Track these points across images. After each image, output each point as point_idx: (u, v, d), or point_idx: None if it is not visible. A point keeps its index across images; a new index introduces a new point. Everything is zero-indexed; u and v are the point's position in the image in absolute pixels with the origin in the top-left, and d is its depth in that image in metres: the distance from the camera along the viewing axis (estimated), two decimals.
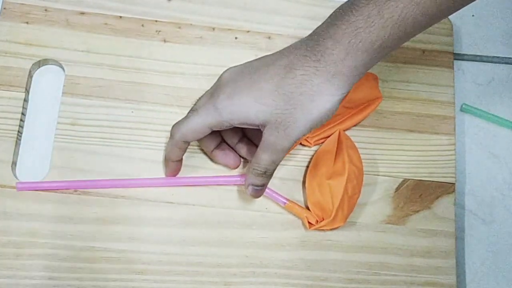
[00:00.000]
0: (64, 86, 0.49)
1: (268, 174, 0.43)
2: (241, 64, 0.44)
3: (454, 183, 0.49)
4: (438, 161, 0.50)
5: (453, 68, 0.52)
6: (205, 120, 0.42)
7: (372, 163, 0.49)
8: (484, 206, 0.51)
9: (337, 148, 0.47)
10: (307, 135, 0.42)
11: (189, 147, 0.45)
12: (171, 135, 0.44)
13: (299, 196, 0.48)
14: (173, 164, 0.46)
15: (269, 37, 0.51)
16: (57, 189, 0.46)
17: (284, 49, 0.42)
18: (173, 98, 0.49)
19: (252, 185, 0.44)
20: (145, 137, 0.48)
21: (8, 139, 0.47)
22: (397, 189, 0.49)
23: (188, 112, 0.44)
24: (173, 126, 0.44)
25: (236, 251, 0.46)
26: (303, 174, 0.48)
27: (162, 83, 0.49)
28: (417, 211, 0.48)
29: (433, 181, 0.49)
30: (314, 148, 0.49)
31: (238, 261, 0.46)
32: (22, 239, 0.45)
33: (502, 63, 0.54)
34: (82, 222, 0.46)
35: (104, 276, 0.45)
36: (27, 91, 0.49)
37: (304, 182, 0.48)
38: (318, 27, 0.41)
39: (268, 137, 0.41)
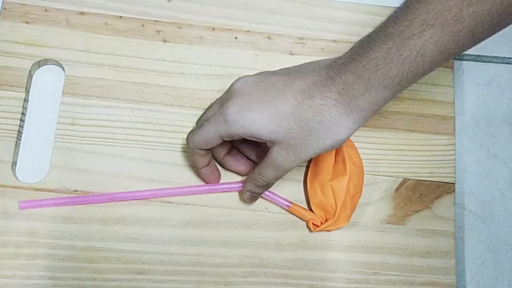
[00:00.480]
0: (64, 86, 0.49)
1: (268, 186, 0.44)
2: (255, 75, 0.43)
3: (454, 183, 0.49)
4: (438, 161, 0.50)
5: (453, 68, 0.52)
6: (216, 131, 0.42)
7: (372, 163, 0.49)
8: (484, 206, 0.51)
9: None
10: None
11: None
12: (187, 144, 0.44)
13: (299, 197, 0.48)
14: (204, 170, 0.46)
15: (269, 37, 0.51)
16: (59, 206, 0.46)
17: (302, 68, 0.42)
18: (173, 98, 0.49)
19: (250, 191, 0.45)
20: (145, 137, 0.48)
21: (8, 139, 0.47)
22: (397, 189, 0.49)
23: (199, 120, 0.45)
24: (187, 135, 0.44)
25: (236, 251, 0.46)
26: (303, 174, 0.48)
27: (162, 83, 0.49)
28: (417, 211, 0.48)
29: (433, 181, 0.49)
30: None
31: (238, 261, 0.46)
32: (22, 239, 0.45)
33: (502, 63, 0.54)
34: (82, 222, 0.46)
35: (104, 276, 0.45)
36: (27, 91, 0.49)
37: (304, 182, 0.48)
38: (339, 57, 0.40)
39: (275, 155, 0.41)
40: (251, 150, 0.47)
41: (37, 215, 0.45)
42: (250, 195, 0.45)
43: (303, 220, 0.47)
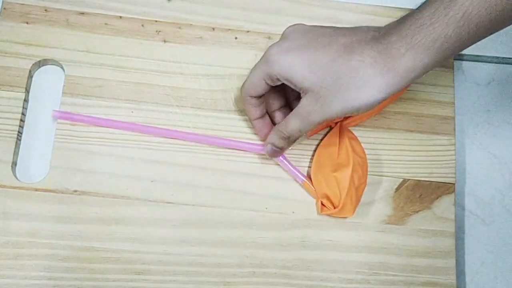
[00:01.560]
0: (64, 86, 0.49)
1: (291, 140, 0.44)
2: (309, 25, 0.44)
3: (454, 183, 0.49)
4: (438, 161, 0.50)
5: (453, 68, 0.52)
6: (259, 73, 0.43)
7: (372, 163, 0.49)
8: (484, 206, 0.51)
9: (339, 140, 0.47)
10: None
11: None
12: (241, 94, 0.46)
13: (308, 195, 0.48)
14: (256, 123, 0.46)
15: (269, 37, 0.51)
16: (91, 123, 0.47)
17: (353, 28, 0.43)
18: (173, 98, 0.49)
19: (272, 144, 0.45)
20: (145, 137, 0.48)
21: (8, 139, 0.47)
22: (397, 189, 0.49)
23: None
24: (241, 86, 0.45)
25: (236, 251, 0.46)
26: (306, 171, 0.48)
27: (162, 83, 0.49)
28: (417, 211, 0.48)
29: (433, 181, 0.49)
30: (312, 143, 0.49)
31: (238, 261, 0.46)
32: (22, 239, 0.45)
33: (502, 63, 0.54)
34: (82, 222, 0.46)
35: (104, 276, 0.45)
36: (27, 91, 0.49)
37: (309, 177, 0.48)
38: (391, 22, 0.41)
39: (304, 105, 0.42)
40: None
41: (37, 215, 0.45)
42: (271, 148, 0.46)
43: (314, 198, 0.47)
